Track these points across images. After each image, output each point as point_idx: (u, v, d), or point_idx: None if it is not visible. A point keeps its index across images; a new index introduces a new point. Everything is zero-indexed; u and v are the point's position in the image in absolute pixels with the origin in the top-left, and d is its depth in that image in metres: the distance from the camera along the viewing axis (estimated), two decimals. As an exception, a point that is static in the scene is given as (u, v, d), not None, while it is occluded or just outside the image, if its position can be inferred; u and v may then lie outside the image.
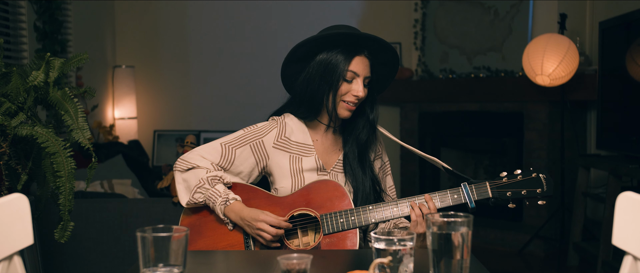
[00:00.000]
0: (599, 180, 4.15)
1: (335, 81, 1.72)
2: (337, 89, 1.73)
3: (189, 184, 1.74)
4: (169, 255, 1.08)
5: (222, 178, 1.73)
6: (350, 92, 1.73)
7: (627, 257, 1.06)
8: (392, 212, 1.67)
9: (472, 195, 1.66)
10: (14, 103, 1.88)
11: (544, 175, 1.67)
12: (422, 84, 4.78)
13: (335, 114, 1.77)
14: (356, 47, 1.74)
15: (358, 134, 1.82)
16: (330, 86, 1.73)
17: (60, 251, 2.54)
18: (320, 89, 1.74)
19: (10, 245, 1.07)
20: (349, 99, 1.74)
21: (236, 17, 5.09)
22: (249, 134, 1.80)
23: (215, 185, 1.71)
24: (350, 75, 1.73)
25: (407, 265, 1.11)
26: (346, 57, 1.72)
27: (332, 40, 1.73)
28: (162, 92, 5.21)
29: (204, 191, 1.71)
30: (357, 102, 1.75)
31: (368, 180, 1.80)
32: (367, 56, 1.76)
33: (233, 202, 1.69)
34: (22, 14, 3.61)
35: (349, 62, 1.72)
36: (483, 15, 4.57)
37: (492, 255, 4.14)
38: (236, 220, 1.69)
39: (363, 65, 1.74)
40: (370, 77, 1.77)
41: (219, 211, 1.69)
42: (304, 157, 1.79)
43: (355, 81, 1.73)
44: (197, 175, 1.73)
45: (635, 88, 3.29)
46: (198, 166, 1.75)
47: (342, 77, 1.72)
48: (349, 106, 1.75)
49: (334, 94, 1.74)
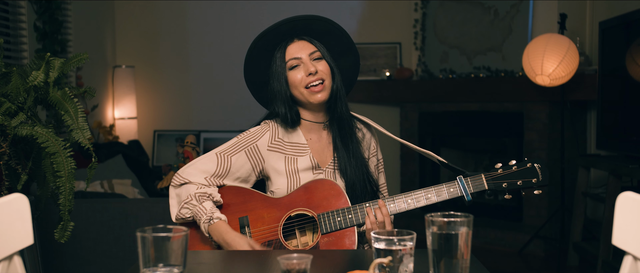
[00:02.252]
0: (599, 180, 4.15)
1: (284, 78, 1.76)
2: (289, 83, 1.76)
3: (180, 199, 1.75)
4: (169, 255, 1.08)
5: (211, 195, 1.72)
6: (304, 74, 1.74)
7: (627, 257, 1.06)
8: (388, 209, 1.67)
9: (468, 188, 1.65)
10: (14, 103, 1.88)
11: (538, 164, 1.66)
12: (422, 84, 4.78)
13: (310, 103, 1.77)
14: (288, 37, 1.78)
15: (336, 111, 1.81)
16: (285, 85, 1.76)
17: (60, 251, 2.54)
18: (283, 97, 1.77)
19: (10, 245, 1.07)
20: (305, 82, 1.74)
21: (236, 17, 5.09)
22: (242, 140, 1.80)
23: (203, 202, 1.70)
24: (293, 62, 1.76)
25: (407, 265, 1.11)
26: (281, 54, 1.77)
27: (264, 45, 1.78)
28: (162, 92, 5.21)
29: (191, 207, 1.70)
30: (319, 79, 1.75)
31: (363, 177, 1.80)
32: (304, 38, 1.78)
33: (217, 222, 1.68)
34: (22, 14, 3.61)
35: (284, 55, 1.77)
36: (483, 15, 4.57)
37: (492, 255, 4.14)
38: (219, 241, 1.68)
39: (299, 46, 1.77)
40: (319, 50, 1.78)
41: (203, 229, 1.69)
42: (299, 157, 1.79)
43: (302, 63, 1.75)
44: (188, 190, 1.73)
45: (635, 88, 3.29)
46: (190, 181, 1.74)
47: (286, 70, 1.76)
48: (313, 88, 1.74)
49: (288, 90, 1.76)
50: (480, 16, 4.59)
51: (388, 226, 1.65)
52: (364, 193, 1.79)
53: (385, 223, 1.65)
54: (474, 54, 4.62)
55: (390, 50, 5.08)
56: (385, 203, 1.67)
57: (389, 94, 4.96)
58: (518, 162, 1.67)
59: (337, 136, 1.81)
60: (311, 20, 1.78)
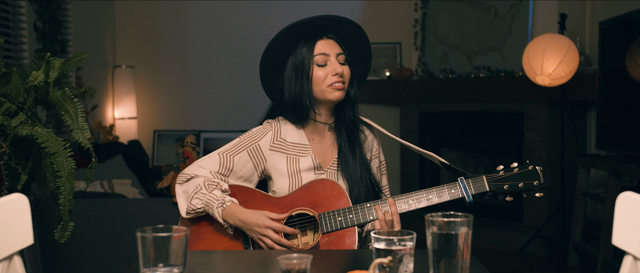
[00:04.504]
0: (599, 180, 4.15)
1: (307, 71, 1.74)
2: (311, 78, 1.74)
3: (187, 194, 1.74)
4: (169, 255, 1.08)
5: (219, 184, 1.72)
6: (330, 73, 1.74)
7: (627, 257, 1.06)
8: (389, 209, 1.66)
9: (469, 189, 1.65)
10: (14, 103, 1.88)
11: (540, 167, 1.66)
12: (422, 84, 4.78)
13: (329, 101, 1.76)
14: (316, 33, 1.77)
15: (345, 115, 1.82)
16: (307, 79, 1.74)
17: (60, 251, 2.54)
18: (298, 89, 1.76)
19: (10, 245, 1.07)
20: (331, 81, 1.74)
21: (236, 17, 5.09)
22: (245, 140, 1.80)
23: (213, 190, 1.70)
24: (321, 58, 1.75)
25: (407, 265, 1.11)
26: (309, 47, 1.76)
27: (290, 36, 1.75)
28: (162, 92, 5.21)
29: (201, 197, 1.70)
30: (342, 80, 1.75)
31: (365, 178, 1.80)
32: (332, 37, 1.79)
33: (230, 204, 1.68)
34: (22, 14, 3.61)
35: (313, 49, 1.75)
36: (483, 15, 4.57)
37: (492, 255, 4.14)
38: (235, 223, 1.68)
39: (329, 45, 1.77)
40: (344, 53, 1.78)
41: (218, 215, 1.68)
42: (300, 157, 1.79)
43: (329, 62, 1.75)
44: (195, 182, 1.73)
45: (635, 88, 3.29)
46: (196, 175, 1.75)
47: (313, 64, 1.74)
48: (336, 86, 1.75)
49: (310, 85, 1.75)
50: (480, 16, 4.58)
51: (397, 226, 1.65)
52: (366, 195, 1.79)
53: (394, 222, 1.65)
54: (474, 54, 4.62)
55: (390, 50, 5.08)
56: (386, 204, 1.67)
57: (389, 94, 4.96)
58: (520, 164, 1.67)
59: (342, 138, 1.82)
60: (344, 22, 1.80)
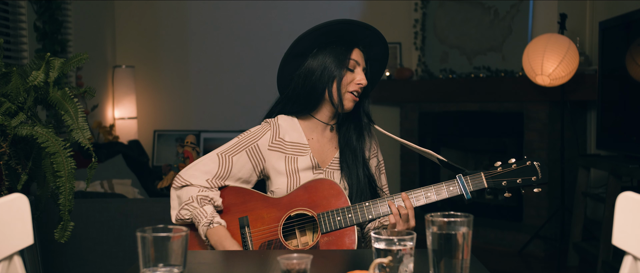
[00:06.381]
0: (599, 180, 4.15)
1: (339, 70, 1.75)
2: (342, 78, 1.75)
3: (180, 201, 1.75)
4: (169, 255, 1.08)
5: (213, 199, 1.72)
6: (354, 81, 1.77)
7: (627, 257, 1.06)
8: (388, 208, 1.67)
9: (467, 186, 1.65)
10: (14, 103, 1.88)
11: (537, 162, 1.67)
12: (422, 84, 4.78)
13: (342, 106, 1.77)
14: (353, 39, 1.79)
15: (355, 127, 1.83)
16: (335, 76, 1.75)
17: (60, 251, 2.54)
18: (322, 81, 1.76)
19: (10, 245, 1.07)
20: (353, 88, 1.77)
21: (236, 17, 5.09)
22: (243, 140, 1.80)
23: (204, 205, 1.70)
24: (353, 63, 1.77)
25: (407, 265, 1.11)
26: (347, 48, 1.77)
27: (333, 30, 1.76)
28: (162, 92, 5.21)
29: (191, 210, 1.70)
30: (360, 91, 1.79)
31: (363, 177, 1.80)
32: (362, 49, 1.81)
33: (217, 226, 1.68)
34: (22, 14, 3.61)
35: (350, 52, 1.77)
36: (483, 15, 4.57)
37: (492, 255, 4.14)
38: (216, 246, 1.67)
39: (360, 55, 1.80)
40: (367, 69, 1.82)
41: (201, 231, 1.68)
42: (299, 157, 1.79)
43: (358, 70, 1.78)
44: (189, 192, 1.73)
45: (635, 88, 3.29)
46: (191, 184, 1.74)
47: (346, 66, 1.76)
48: (353, 96, 1.77)
49: (338, 83, 1.75)
50: (480, 16, 4.58)
51: (412, 220, 1.65)
52: (366, 194, 1.79)
53: (409, 216, 1.65)
54: (474, 54, 4.61)
55: (390, 50, 5.05)
56: (386, 203, 1.66)
57: (389, 94, 4.96)
58: (517, 160, 1.68)
59: (344, 139, 1.82)
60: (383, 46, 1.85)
